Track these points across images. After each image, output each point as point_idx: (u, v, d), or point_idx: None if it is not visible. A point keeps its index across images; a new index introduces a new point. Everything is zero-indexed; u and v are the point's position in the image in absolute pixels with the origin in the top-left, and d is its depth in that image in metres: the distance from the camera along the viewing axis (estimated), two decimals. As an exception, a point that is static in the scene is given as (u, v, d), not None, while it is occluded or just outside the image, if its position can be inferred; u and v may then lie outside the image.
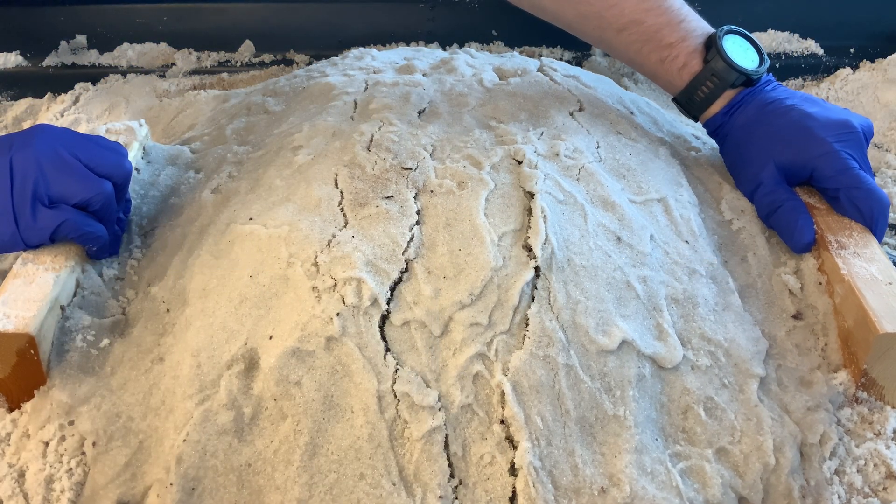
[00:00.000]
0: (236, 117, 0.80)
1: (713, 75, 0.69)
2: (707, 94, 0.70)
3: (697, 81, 0.70)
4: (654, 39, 0.71)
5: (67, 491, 0.50)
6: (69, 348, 0.55)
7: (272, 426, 0.50)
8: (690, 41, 0.71)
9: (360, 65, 0.84)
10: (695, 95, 0.71)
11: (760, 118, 0.67)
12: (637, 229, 0.59)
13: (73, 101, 1.00)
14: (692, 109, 0.72)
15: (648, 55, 0.72)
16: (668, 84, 0.73)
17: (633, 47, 0.72)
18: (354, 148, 0.64)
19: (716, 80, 0.69)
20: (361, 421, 0.49)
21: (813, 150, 0.63)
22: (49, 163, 0.56)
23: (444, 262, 0.55)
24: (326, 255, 0.54)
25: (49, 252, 0.58)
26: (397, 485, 0.48)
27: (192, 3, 1.04)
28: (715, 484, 0.51)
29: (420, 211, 0.58)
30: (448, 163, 0.63)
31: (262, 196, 0.62)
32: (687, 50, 0.70)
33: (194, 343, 0.53)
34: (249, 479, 0.50)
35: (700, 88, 0.70)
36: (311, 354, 0.51)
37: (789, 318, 0.60)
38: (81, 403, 0.53)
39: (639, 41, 0.72)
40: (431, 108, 0.72)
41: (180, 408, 0.51)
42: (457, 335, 0.52)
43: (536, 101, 0.73)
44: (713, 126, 0.72)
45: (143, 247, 0.64)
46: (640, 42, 0.72)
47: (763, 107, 0.68)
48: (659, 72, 0.73)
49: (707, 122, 0.72)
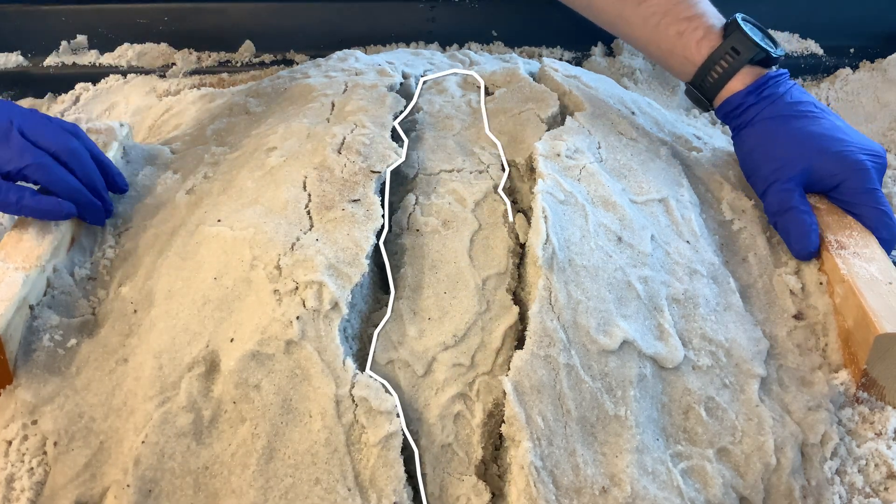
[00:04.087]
0: (218, 118, 0.80)
1: (732, 48, 0.68)
2: (725, 69, 0.69)
3: (716, 55, 0.69)
4: (673, 12, 0.71)
5: (27, 490, 0.50)
6: (36, 348, 0.55)
7: (231, 429, 0.50)
8: (708, 18, 0.71)
9: (342, 66, 0.83)
10: (712, 71, 0.70)
11: (791, 116, 0.66)
12: (638, 229, 0.59)
13: (73, 101, 1.00)
14: (707, 91, 0.71)
15: (667, 28, 0.72)
16: (685, 61, 0.72)
17: (652, 20, 0.72)
18: (325, 150, 0.64)
19: (735, 55, 0.68)
20: (319, 425, 0.49)
21: (849, 165, 0.63)
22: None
23: (430, 304, 0.56)
24: (289, 257, 0.54)
25: (20, 251, 0.58)
26: (352, 490, 0.48)
27: (192, 3, 1.04)
28: (716, 484, 0.51)
29: (406, 251, 0.59)
30: (433, 198, 0.63)
31: (233, 197, 0.62)
32: (705, 24, 0.70)
33: (157, 344, 0.53)
34: (206, 482, 0.50)
35: (718, 62, 0.69)
36: (270, 358, 0.51)
37: (790, 319, 0.60)
38: (45, 403, 0.53)
39: (658, 13, 0.72)
40: (419, 132, 0.71)
41: (141, 409, 0.51)
42: (439, 375, 0.53)
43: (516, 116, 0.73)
44: (730, 107, 0.70)
45: (117, 247, 0.64)
46: (660, 14, 0.72)
47: (794, 105, 0.67)
48: (676, 47, 0.72)
49: (724, 102, 0.71)
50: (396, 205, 0.64)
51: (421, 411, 0.52)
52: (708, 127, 0.91)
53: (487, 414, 0.52)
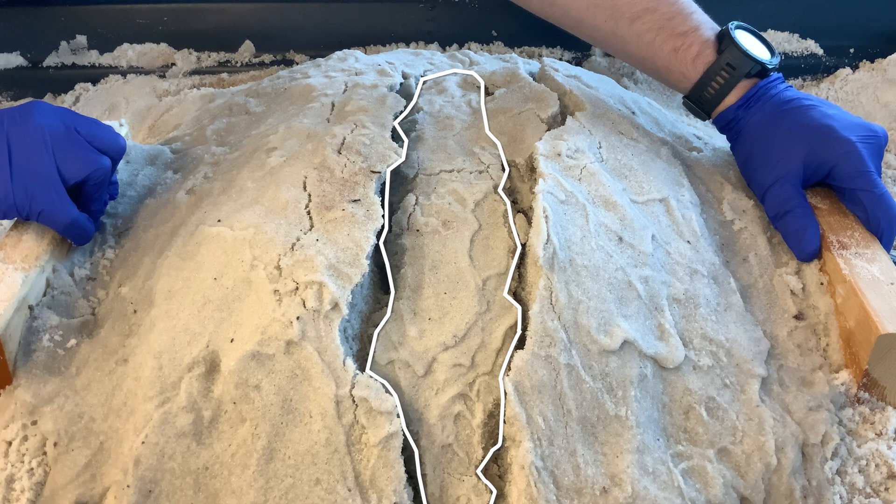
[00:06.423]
0: (218, 118, 0.80)
1: (728, 65, 0.68)
2: (721, 85, 0.69)
3: (712, 72, 0.69)
4: (667, 28, 0.70)
5: (27, 491, 0.50)
6: (36, 348, 0.55)
7: (231, 429, 0.50)
8: (702, 32, 0.70)
9: (342, 66, 0.82)
10: (709, 87, 0.70)
11: (779, 115, 0.66)
12: (639, 229, 0.59)
13: (73, 101, 1.00)
14: (704, 105, 0.71)
15: (662, 45, 0.71)
16: (681, 77, 0.72)
17: (646, 37, 0.71)
18: (325, 150, 0.64)
19: (731, 70, 0.68)
20: (319, 426, 0.49)
21: (837, 148, 0.62)
22: (54, 135, 0.56)
23: (430, 305, 0.56)
24: (289, 258, 0.54)
25: (19, 251, 0.58)
26: (353, 490, 0.48)
27: (192, 3, 1.04)
28: (717, 484, 0.50)
29: (406, 251, 0.59)
30: (434, 198, 0.63)
31: (233, 198, 0.62)
32: (700, 39, 0.70)
33: (157, 345, 0.53)
34: (206, 483, 0.50)
35: (714, 79, 0.69)
36: (270, 358, 0.51)
37: (791, 319, 0.60)
38: (45, 403, 0.53)
39: (652, 30, 0.71)
40: (419, 132, 0.71)
41: (141, 409, 0.51)
42: (440, 375, 0.53)
43: (516, 116, 0.72)
44: (725, 120, 0.70)
45: (117, 247, 0.64)
46: (654, 31, 0.71)
47: (781, 104, 0.67)
48: (672, 63, 0.71)
49: (719, 116, 0.71)
50: (396, 205, 0.64)
51: (421, 411, 0.52)
52: (708, 127, 0.91)
53: (488, 414, 0.52)
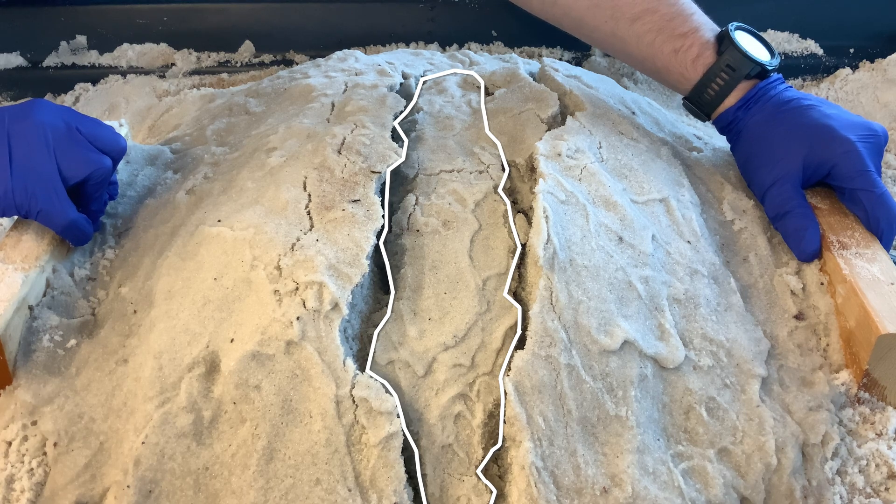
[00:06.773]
0: (218, 118, 0.80)
1: (727, 66, 0.68)
2: (721, 86, 0.69)
3: (712, 73, 0.69)
4: (668, 29, 0.70)
5: (27, 491, 0.50)
6: (36, 348, 0.55)
7: (231, 430, 0.50)
8: (703, 33, 0.70)
9: (342, 66, 0.82)
10: (709, 88, 0.70)
11: (778, 116, 0.66)
12: (639, 229, 0.59)
13: (72, 101, 1.00)
14: (704, 106, 0.71)
15: (662, 46, 0.71)
16: (681, 78, 0.72)
17: (647, 38, 0.71)
18: (325, 150, 0.64)
19: (730, 72, 0.68)
20: (319, 426, 0.49)
21: (836, 148, 0.62)
22: (55, 134, 0.56)
23: (430, 305, 0.56)
24: (289, 258, 0.54)
25: (19, 252, 0.58)
26: (353, 490, 0.48)
27: (192, 3, 1.04)
28: (717, 484, 0.50)
29: (406, 251, 0.59)
30: (434, 198, 0.62)
31: (233, 198, 0.62)
32: (700, 41, 0.70)
33: (157, 345, 0.53)
34: (206, 483, 0.50)
35: (714, 81, 0.69)
36: (270, 358, 0.51)
37: (791, 319, 0.60)
38: (45, 404, 0.53)
39: (652, 31, 0.71)
40: (419, 132, 0.71)
41: (141, 410, 0.51)
42: (440, 375, 0.53)
43: (516, 116, 0.72)
44: (725, 121, 0.70)
45: (117, 247, 0.64)
46: (654, 32, 0.71)
47: (780, 105, 0.67)
48: (672, 64, 0.71)
49: (719, 117, 0.71)
50: (396, 205, 0.64)
51: (421, 412, 0.52)
52: (708, 127, 0.91)
53: (488, 414, 0.52)
